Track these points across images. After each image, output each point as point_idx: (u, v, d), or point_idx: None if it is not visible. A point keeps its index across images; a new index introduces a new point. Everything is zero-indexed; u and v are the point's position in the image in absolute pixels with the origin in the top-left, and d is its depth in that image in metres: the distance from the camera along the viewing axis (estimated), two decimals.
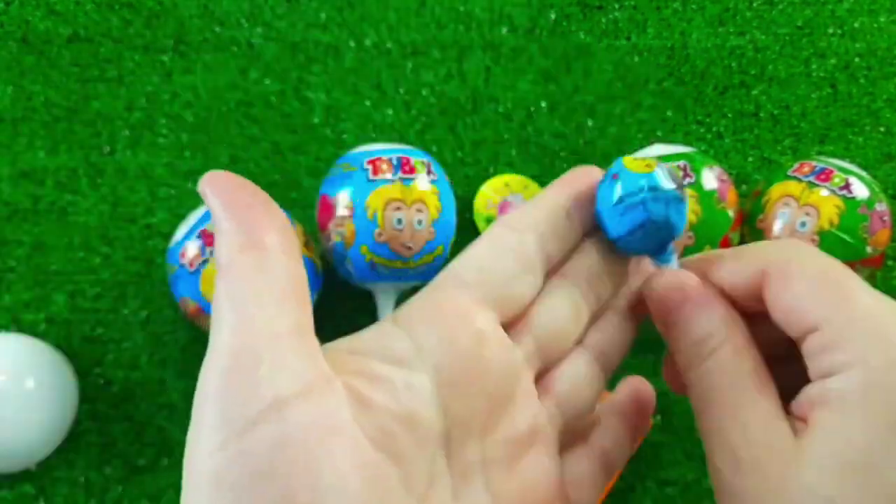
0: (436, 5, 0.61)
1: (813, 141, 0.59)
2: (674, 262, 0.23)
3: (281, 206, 0.54)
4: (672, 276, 0.23)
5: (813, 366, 0.20)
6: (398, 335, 0.21)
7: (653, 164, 0.23)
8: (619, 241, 0.23)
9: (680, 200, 0.23)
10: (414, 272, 0.48)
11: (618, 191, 0.23)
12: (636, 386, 0.27)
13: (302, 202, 0.56)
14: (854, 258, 0.47)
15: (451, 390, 0.20)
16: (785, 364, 0.22)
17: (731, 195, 0.48)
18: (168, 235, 0.55)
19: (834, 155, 0.58)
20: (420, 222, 0.47)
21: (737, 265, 0.22)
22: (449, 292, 0.22)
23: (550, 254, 0.24)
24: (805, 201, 0.48)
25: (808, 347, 0.20)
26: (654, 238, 0.23)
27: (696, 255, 0.24)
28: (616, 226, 0.23)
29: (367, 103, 0.59)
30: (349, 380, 0.19)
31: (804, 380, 0.21)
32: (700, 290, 0.22)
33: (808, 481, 0.18)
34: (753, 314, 0.23)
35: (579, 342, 0.25)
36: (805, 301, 0.20)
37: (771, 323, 0.22)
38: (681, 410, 0.51)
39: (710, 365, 0.21)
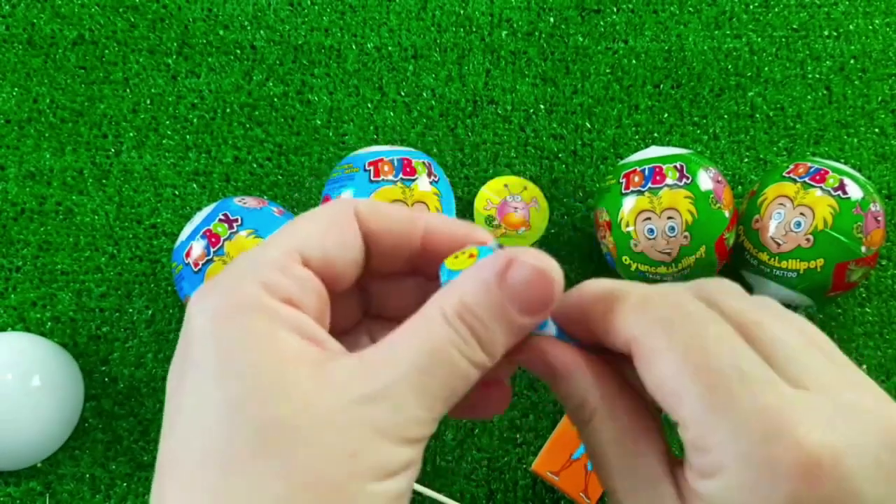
0: (436, 9, 0.62)
1: (808, 142, 0.59)
2: (548, 325, 0.22)
3: (284, 207, 0.54)
4: (531, 351, 0.22)
5: (688, 454, 0.19)
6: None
7: (474, 252, 0.21)
8: None
9: None
10: None
11: None
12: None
13: (305, 203, 0.57)
14: (848, 258, 0.47)
15: None
16: None
17: (727, 196, 0.49)
18: (173, 235, 0.55)
19: (829, 156, 0.59)
20: None
21: (609, 329, 0.21)
22: None
23: None
24: (800, 202, 0.48)
25: (681, 434, 0.19)
26: None
27: (572, 296, 0.22)
28: None
29: (369, 105, 0.59)
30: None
31: None
32: (561, 361, 0.22)
33: None
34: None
35: None
36: (668, 388, 0.19)
37: None
38: None
39: (591, 428, 0.21)
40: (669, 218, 0.47)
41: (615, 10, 0.62)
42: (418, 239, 0.22)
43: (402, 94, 0.60)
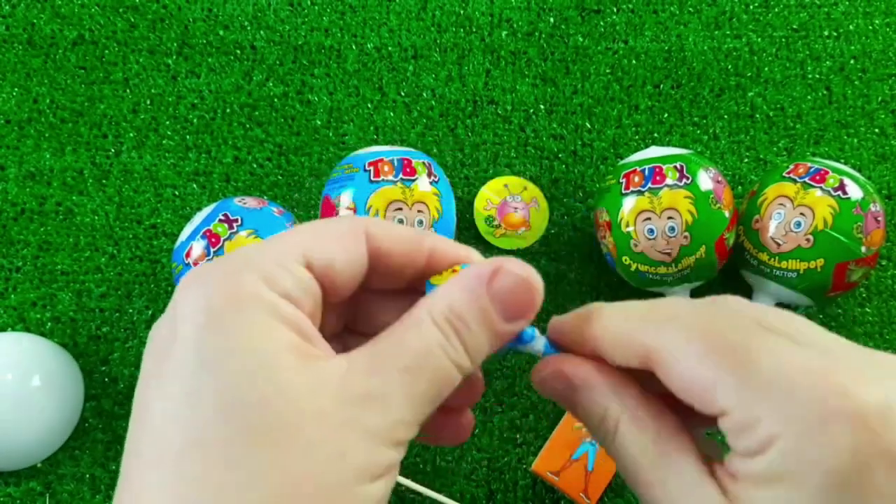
0: (436, 9, 0.62)
1: (808, 142, 0.59)
2: (536, 338, 0.23)
3: (284, 207, 0.54)
4: (549, 366, 0.22)
5: (732, 442, 0.19)
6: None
7: (458, 269, 0.22)
8: None
9: None
10: None
11: None
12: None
13: (305, 203, 0.57)
14: (848, 258, 0.47)
15: None
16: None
17: (727, 196, 0.49)
18: (173, 235, 0.55)
19: (829, 156, 0.59)
20: (421, 223, 0.48)
21: (618, 348, 0.21)
22: None
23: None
24: (800, 202, 0.48)
25: (722, 426, 0.19)
26: None
27: (570, 316, 0.23)
28: None
29: (369, 106, 0.59)
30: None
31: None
32: (580, 373, 0.22)
33: None
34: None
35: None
36: (699, 381, 0.19)
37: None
38: None
39: (619, 440, 0.21)
40: (669, 218, 0.47)
41: (615, 10, 0.62)
42: (423, 260, 0.23)
43: (402, 94, 0.60)
